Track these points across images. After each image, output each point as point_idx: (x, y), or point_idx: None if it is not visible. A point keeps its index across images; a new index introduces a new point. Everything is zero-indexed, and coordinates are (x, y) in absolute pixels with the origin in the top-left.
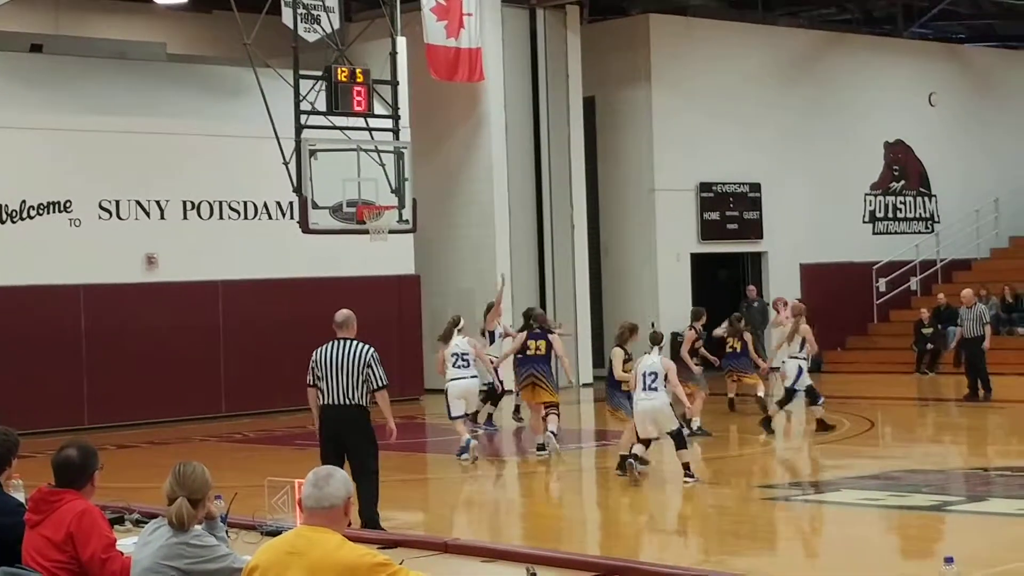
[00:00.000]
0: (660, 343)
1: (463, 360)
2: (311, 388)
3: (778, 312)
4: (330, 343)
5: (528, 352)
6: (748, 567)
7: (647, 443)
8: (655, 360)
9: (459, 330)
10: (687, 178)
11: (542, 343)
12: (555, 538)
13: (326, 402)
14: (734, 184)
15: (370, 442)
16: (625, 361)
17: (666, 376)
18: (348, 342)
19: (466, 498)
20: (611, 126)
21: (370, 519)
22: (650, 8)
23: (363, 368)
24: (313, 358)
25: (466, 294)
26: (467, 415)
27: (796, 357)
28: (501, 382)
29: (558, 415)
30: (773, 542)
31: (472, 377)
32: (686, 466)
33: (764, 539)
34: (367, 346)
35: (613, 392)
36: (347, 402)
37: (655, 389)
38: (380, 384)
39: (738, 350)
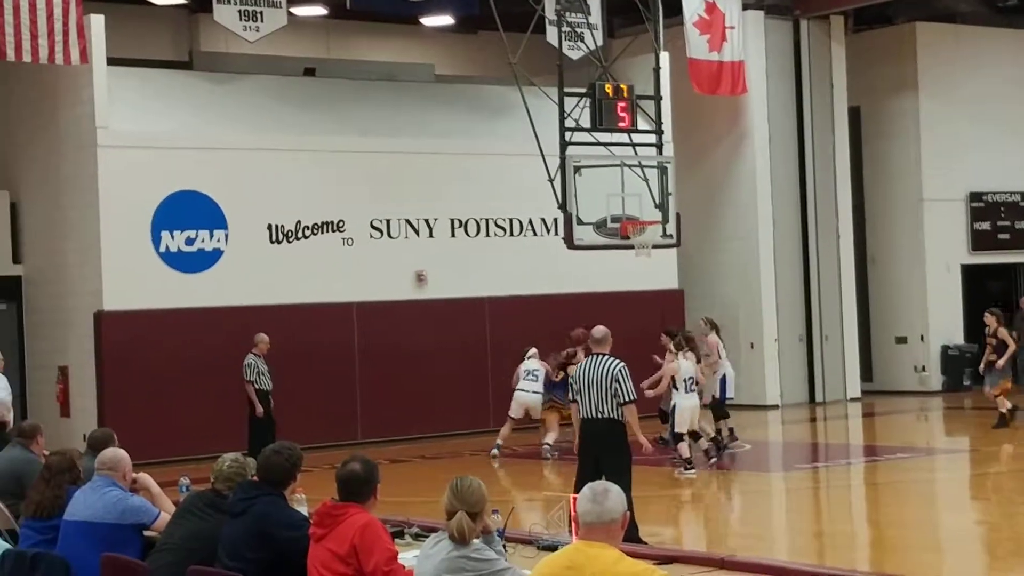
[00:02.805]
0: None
1: (532, 375)
2: (573, 404)
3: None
4: (588, 359)
5: None
6: None
7: None
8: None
9: (529, 356)
10: (956, 187)
11: None
12: (821, 553)
13: (583, 416)
14: (1005, 193)
15: (622, 457)
16: None
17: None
18: (601, 357)
19: (730, 514)
20: (877, 136)
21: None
22: (916, 16)
23: (611, 382)
24: (572, 375)
25: (730, 307)
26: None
27: None
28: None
29: None
30: None
31: (534, 392)
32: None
33: None
34: (617, 361)
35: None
36: (598, 415)
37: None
38: (627, 399)
39: None
